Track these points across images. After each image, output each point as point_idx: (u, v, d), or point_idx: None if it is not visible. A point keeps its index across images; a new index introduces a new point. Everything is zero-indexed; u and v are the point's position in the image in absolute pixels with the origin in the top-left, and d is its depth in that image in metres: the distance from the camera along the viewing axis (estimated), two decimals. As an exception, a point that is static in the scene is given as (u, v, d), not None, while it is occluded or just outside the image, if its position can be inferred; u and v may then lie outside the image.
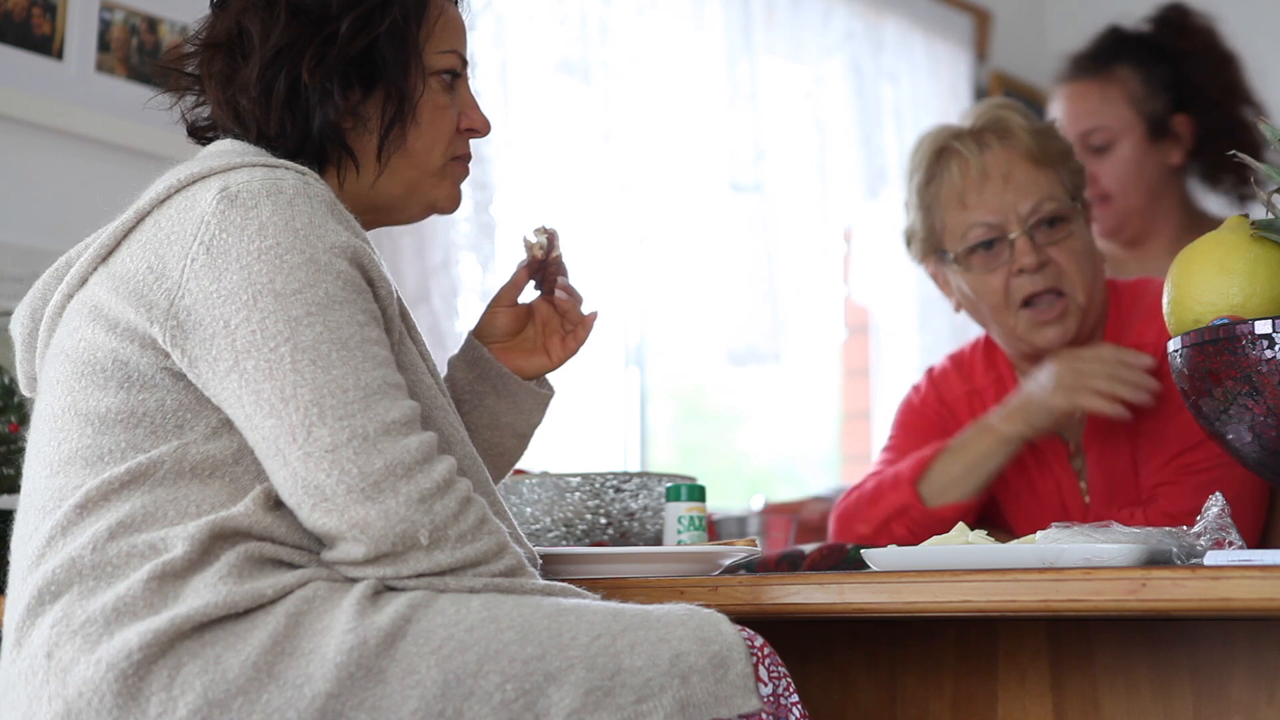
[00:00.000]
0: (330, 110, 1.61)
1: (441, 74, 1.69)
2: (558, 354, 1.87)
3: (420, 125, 1.67)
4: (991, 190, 2.25)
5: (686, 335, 3.51)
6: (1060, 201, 2.25)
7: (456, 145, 1.72)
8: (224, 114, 1.64)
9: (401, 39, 1.64)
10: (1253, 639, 1.61)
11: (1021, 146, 2.26)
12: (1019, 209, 2.24)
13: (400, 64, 1.64)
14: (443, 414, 1.61)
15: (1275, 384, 1.54)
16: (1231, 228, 1.68)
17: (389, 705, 1.37)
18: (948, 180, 2.28)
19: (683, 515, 1.99)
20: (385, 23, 1.62)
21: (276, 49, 1.61)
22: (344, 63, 1.61)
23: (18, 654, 1.43)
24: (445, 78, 1.69)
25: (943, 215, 2.28)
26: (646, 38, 3.40)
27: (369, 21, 1.62)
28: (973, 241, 2.26)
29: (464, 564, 1.46)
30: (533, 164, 3.16)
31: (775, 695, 1.47)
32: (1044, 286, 2.24)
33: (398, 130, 1.65)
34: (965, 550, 1.57)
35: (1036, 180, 2.25)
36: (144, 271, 1.49)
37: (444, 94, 1.69)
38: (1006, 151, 2.26)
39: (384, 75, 1.63)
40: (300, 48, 1.61)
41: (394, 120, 1.64)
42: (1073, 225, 2.26)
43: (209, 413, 1.49)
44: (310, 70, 1.60)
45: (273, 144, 1.62)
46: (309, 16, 1.61)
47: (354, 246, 1.51)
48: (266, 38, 1.61)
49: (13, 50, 2.47)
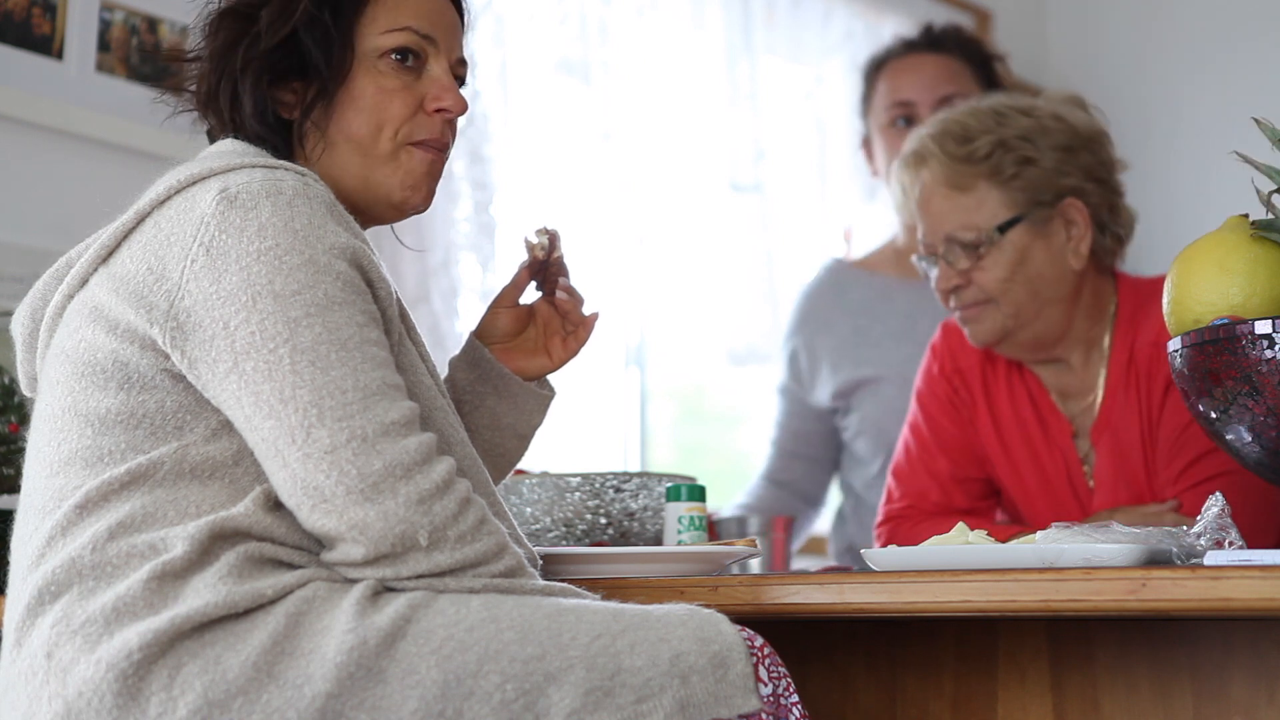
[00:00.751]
0: (259, 104, 1.63)
1: (390, 54, 1.66)
2: (559, 355, 1.87)
3: (358, 108, 1.64)
4: (923, 214, 2.35)
5: (686, 335, 3.51)
6: (978, 228, 2.28)
7: (416, 128, 1.67)
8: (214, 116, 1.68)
9: (319, 23, 1.63)
10: (1253, 639, 1.61)
11: (940, 174, 2.32)
12: (937, 234, 2.32)
13: (321, 48, 1.63)
14: (442, 415, 1.61)
15: (1275, 384, 1.54)
16: (1231, 228, 1.68)
17: (389, 705, 1.37)
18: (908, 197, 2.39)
19: (683, 515, 1.99)
20: (300, 11, 1.63)
21: (216, 52, 1.65)
22: (271, 55, 1.63)
23: (18, 654, 1.43)
24: (396, 58, 1.66)
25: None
26: (646, 38, 3.40)
27: (286, 11, 1.63)
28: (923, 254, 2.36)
29: (463, 565, 1.46)
30: (533, 164, 3.16)
31: (775, 695, 1.47)
32: (969, 301, 2.31)
33: (319, 113, 1.64)
34: (965, 550, 1.57)
35: (953, 207, 2.30)
36: (144, 273, 1.49)
37: (394, 75, 1.66)
38: (931, 176, 2.33)
39: (309, 63, 1.64)
40: (234, 46, 1.64)
41: (314, 102, 1.64)
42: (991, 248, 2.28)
43: (209, 414, 1.49)
44: (241, 67, 1.63)
45: (260, 143, 1.64)
46: (236, 16, 1.65)
47: (353, 247, 1.51)
48: (212, 43, 1.66)
49: (13, 50, 2.47)
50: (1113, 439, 2.30)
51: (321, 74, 1.63)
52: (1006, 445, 2.37)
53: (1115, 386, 2.31)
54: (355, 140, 1.64)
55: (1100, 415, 2.32)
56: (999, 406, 2.38)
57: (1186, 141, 4.34)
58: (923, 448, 2.42)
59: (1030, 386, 2.37)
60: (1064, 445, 2.34)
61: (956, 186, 2.30)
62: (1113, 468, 2.30)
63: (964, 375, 2.42)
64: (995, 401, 2.39)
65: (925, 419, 2.43)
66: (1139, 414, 2.28)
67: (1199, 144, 4.28)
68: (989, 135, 2.30)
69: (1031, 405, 2.36)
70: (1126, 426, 2.29)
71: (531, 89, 3.17)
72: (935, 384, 2.44)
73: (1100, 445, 2.31)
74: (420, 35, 1.67)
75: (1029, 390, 2.37)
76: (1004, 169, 2.29)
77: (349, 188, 1.66)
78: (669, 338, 3.50)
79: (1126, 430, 2.29)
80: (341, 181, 1.65)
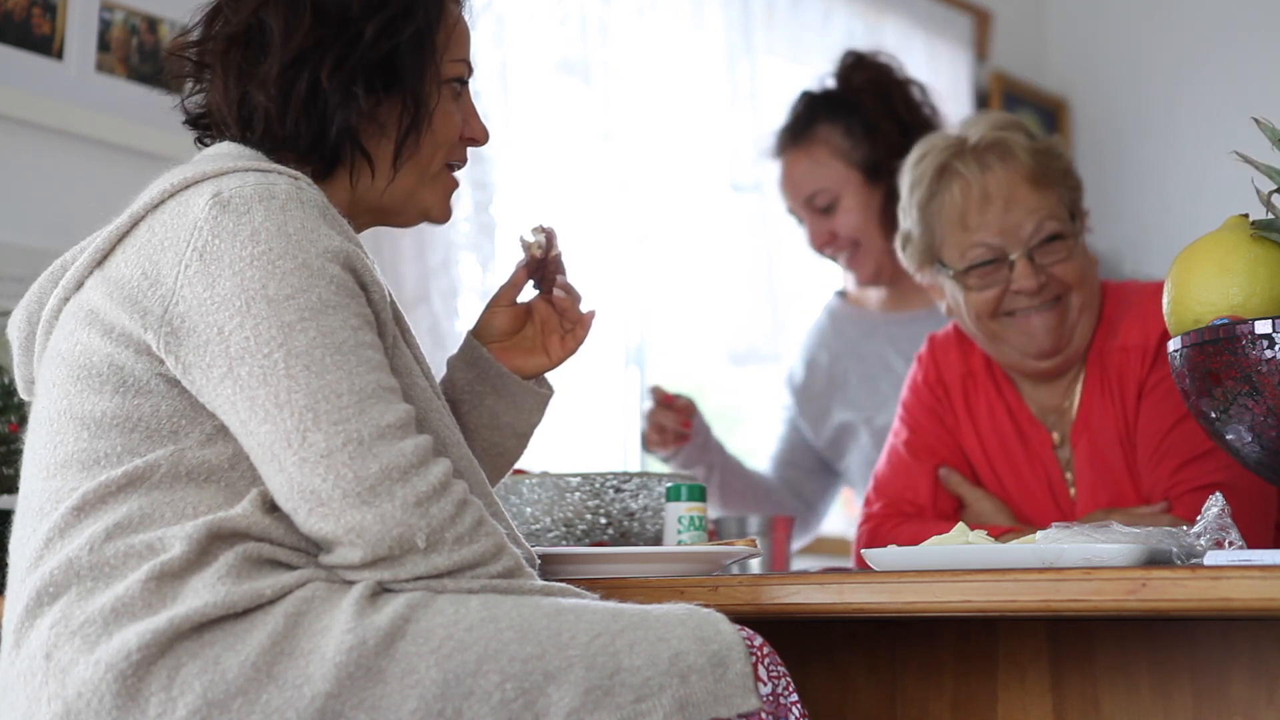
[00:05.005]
0: (351, 114, 1.62)
1: (452, 82, 1.71)
2: (557, 353, 1.87)
3: (432, 132, 1.68)
4: (993, 212, 2.27)
5: (686, 335, 3.51)
6: (1061, 221, 2.27)
7: (454, 153, 1.73)
8: (229, 109, 1.64)
9: (422, 46, 1.65)
10: (1253, 639, 1.61)
11: (1023, 169, 2.28)
12: (1020, 232, 2.26)
13: (419, 71, 1.65)
14: (437, 417, 1.61)
15: (1275, 384, 1.54)
16: (1231, 228, 1.68)
17: (388, 705, 1.37)
18: (949, 200, 2.30)
19: (683, 515, 1.99)
20: (409, 29, 1.64)
21: (299, 49, 1.61)
22: (366, 67, 1.62)
23: (16, 655, 1.43)
24: (455, 86, 1.71)
25: (943, 232, 2.31)
26: (646, 38, 3.40)
27: (392, 27, 1.63)
28: (972, 260, 2.29)
29: (462, 566, 1.46)
30: (533, 164, 3.16)
31: (774, 695, 1.47)
32: (1040, 302, 2.27)
33: (413, 137, 1.66)
34: (965, 550, 1.57)
35: (1037, 202, 2.27)
36: (138, 277, 1.49)
37: (452, 101, 1.71)
38: (1008, 173, 2.28)
39: (403, 81, 1.64)
40: (323, 50, 1.61)
41: (411, 127, 1.66)
42: (1072, 243, 2.28)
43: (204, 419, 1.49)
44: (331, 73, 1.61)
45: (281, 143, 1.61)
46: (333, 19, 1.62)
47: (347, 251, 1.51)
48: (289, 37, 1.61)
49: (13, 50, 2.47)
50: (1091, 445, 2.30)
51: (416, 95, 1.65)
52: (989, 456, 2.37)
53: (1091, 392, 2.31)
54: (420, 161, 1.69)
55: (1078, 420, 2.32)
56: (980, 420, 2.38)
57: (1186, 141, 4.34)
58: (905, 453, 2.41)
59: (1010, 401, 2.37)
60: (1045, 457, 2.34)
61: (1039, 182, 2.28)
62: (1093, 475, 2.30)
63: (947, 387, 2.41)
64: (977, 415, 2.38)
65: (909, 425, 2.43)
66: (1115, 419, 2.28)
67: (1198, 144, 4.28)
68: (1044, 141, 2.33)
69: (1011, 419, 2.36)
70: (1104, 431, 2.29)
71: (531, 89, 3.17)
72: (920, 392, 2.43)
73: (1079, 451, 2.31)
74: (469, 66, 1.73)
75: (1007, 404, 2.37)
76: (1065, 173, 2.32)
77: (393, 201, 1.70)
78: (669, 338, 3.50)
79: (1104, 435, 2.29)
80: (389, 196, 1.68)
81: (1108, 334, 2.33)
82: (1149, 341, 2.27)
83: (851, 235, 2.99)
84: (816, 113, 3.02)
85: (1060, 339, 2.28)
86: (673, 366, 3.61)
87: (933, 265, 2.34)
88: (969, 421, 2.38)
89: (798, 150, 3.03)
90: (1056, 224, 2.27)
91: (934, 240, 2.32)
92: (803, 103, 3.06)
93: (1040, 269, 2.26)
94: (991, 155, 2.29)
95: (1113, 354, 2.30)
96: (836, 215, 3.00)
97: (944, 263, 2.31)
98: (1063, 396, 2.35)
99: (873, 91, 3.01)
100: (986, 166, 2.28)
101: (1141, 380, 2.27)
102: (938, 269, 2.33)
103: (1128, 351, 2.28)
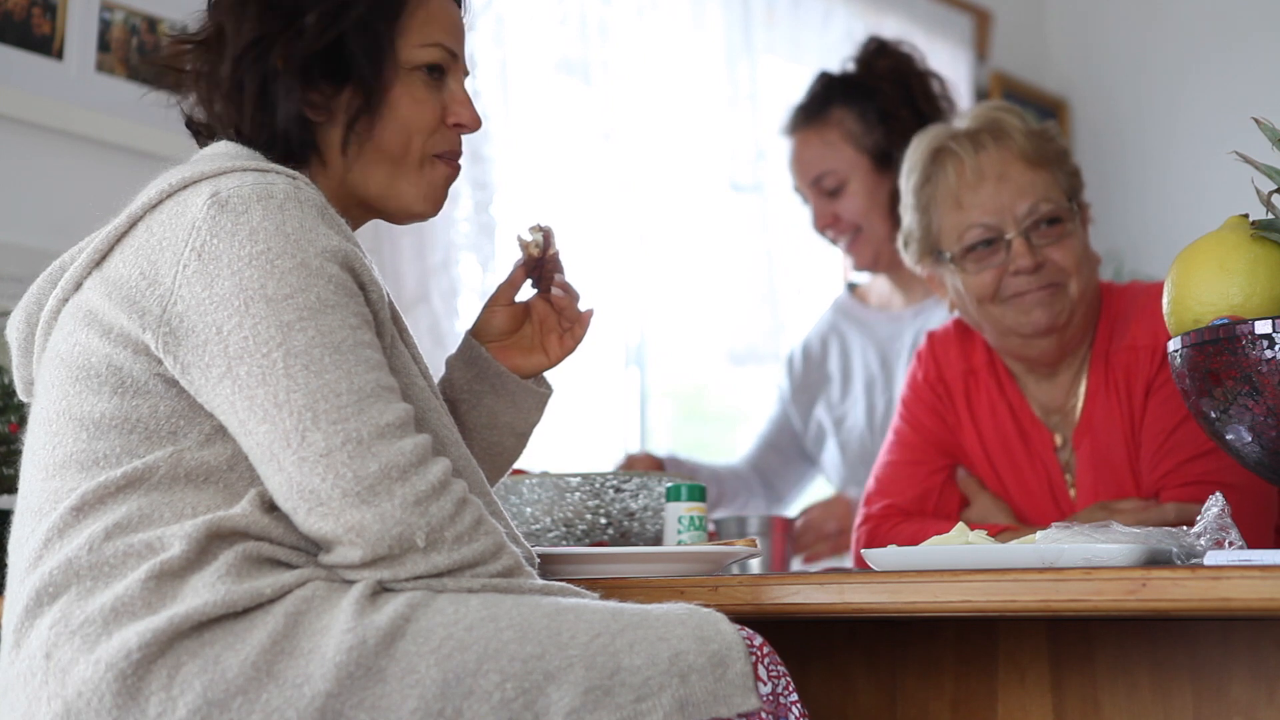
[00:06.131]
0: (295, 104, 1.62)
1: (423, 68, 1.68)
2: (555, 352, 1.87)
3: (394, 119, 1.66)
4: (987, 191, 2.27)
5: (686, 335, 3.51)
6: (1056, 202, 2.27)
7: (439, 141, 1.70)
8: (207, 112, 1.66)
9: (370, 32, 1.63)
10: (1253, 639, 1.61)
11: (1016, 148, 2.28)
12: (1015, 210, 2.26)
13: (369, 57, 1.64)
14: (436, 416, 1.60)
15: (1275, 384, 1.54)
16: (1231, 228, 1.68)
17: (388, 705, 1.37)
18: (943, 181, 2.30)
19: (683, 515, 1.99)
20: (352, 16, 1.63)
21: (246, 44, 1.62)
22: (312, 56, 1.62)
23: (16, 655, 1.43)
24: (426, 71, 1.68)
25: (939, 216, 2.31)
26: (646, 38, 3.40)
27: (336, 15, 1.62)
28: (969, 242, 2.28)
29: (461, 565, 1.46)
30: (533, 164, 3.16)
31: (774, 694, 1.47)
32: (1038, 285, 2.26)
33: (364, 123, 1.65)
34: (965, 550, 1.57)
35: (1032, 181, 2.27)
36: (137, 277, 1.49)
37: (424, 88, 1.68)
38: (1002, 152, 2.28)
39: (352, 69, 1.63)
40: (269, 42, 1.62)
41: (359, 113, 1.64)
42: (1069, 225, 2.27)
43: (203, 419, 1.49)
44: (278, 64, 1.61)
45: (248, 142, 1.62)
46: (278, 11, 1.62)
47: (345, 250, 1.51)
48: (239, 33, 1.62)
49: (13, 50, 2.47)
50: (1094, 445, 2.30)
51: (366, 82, 1.63)
52: (989, 455, 2.36)
53: (1096, 392, 2.31)
54: (385, 150, 1.66)
55: (1081, 421, 2.32)
56: (981, 418, 2.38)
57: (1186, 141, 4.34)
58: (904, 450, 2.41)
59: (1011, 400, 2.36)
60: (1046, 457, 2.33)
61: (1034, 162, 2.28)
62: (1094, 475, 2.29)
63: (948, 385, 2.41)
64: (978, 413, 2.38)
65: (909, 423, 2.43)
66: (1121, 418, 2.28)
67: (1198, 144, 4.28)
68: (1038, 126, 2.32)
69: (1013, 418, 2.36)
70: (1108, 431, 2.29)
71: (531, 89, 3.17)
72: (920, 390, 2.43)
73: (1081, 452, 2.31)
74: (447, 50, 1.69)
75: (1010, 403, 2.36)
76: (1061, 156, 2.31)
77: (369, 193, 1.68)
78: (669, 338, 3.50)
79: (1108, 435, 2.29)
80: (362, 188, 1.67)
81: (1112, 333, 2.32)
82: (1158, 341, 2.26)
83: (854, 220, 2.99)
84: (833, 95, 3.02)
85: (1058, 316, 2.27)
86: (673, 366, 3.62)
87: (933, 255, 2.34)
88: (970, 419, 2.38)
89: (810, 130, 3.03)
90: (1052, 205, 2.26)
91: (931, 227, 2.32)
92: (820, 83, 3.06)
93: (1036, 249, 2.25)
94: (985, 135, 2.29)
95: (1119, 353, 2.30)
96: (842, 199, 2.99)
97: (942, 250, 2.31)
98: (1066, 396, 2.35)
99: (893, 79, 3.01)
100: (980, 146, 2.28)
101: (1150, 379, 2.27)
102: (937, 258, 2.33)
103: (1136, 350, 2.27)
